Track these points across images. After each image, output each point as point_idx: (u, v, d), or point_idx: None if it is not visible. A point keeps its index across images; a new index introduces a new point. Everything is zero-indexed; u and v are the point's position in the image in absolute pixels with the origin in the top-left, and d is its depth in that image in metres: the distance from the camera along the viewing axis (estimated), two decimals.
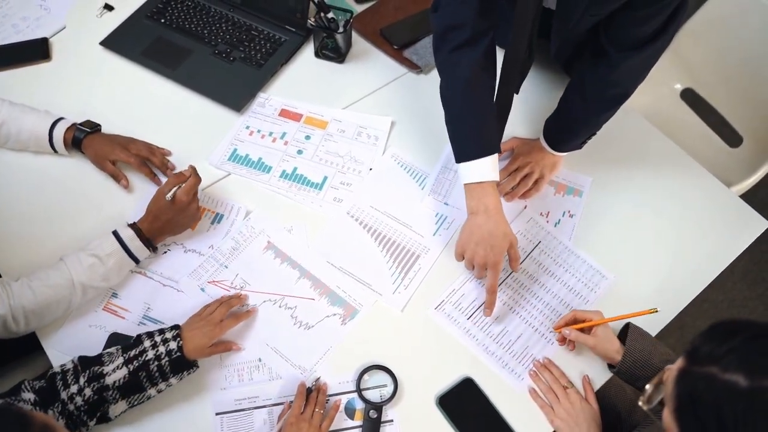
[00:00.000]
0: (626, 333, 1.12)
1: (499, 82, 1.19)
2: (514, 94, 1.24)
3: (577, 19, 1.06)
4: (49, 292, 1.07)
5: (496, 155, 1.14)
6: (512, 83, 1.19)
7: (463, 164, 1.13)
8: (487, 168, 1.12)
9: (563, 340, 1.17)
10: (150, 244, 1.16)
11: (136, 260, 1.16)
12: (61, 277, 1.08)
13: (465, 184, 1.14)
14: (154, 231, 1.16)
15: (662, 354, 1.09)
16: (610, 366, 1.14)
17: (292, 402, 1.08)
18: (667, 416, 0.71)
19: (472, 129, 1.13)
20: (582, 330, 1.13)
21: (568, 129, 1.28)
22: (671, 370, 0.71)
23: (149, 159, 1.30)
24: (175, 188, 1.16)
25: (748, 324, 0.69)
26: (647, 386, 0.77)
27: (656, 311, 1.11)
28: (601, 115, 1.24)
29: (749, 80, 1.66)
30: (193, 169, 1.19)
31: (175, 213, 1.16)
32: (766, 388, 0.62)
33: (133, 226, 1.15)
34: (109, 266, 1.11)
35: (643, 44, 1.06)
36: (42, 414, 0.69)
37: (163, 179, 1.31)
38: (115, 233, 1.13)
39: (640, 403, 0.78)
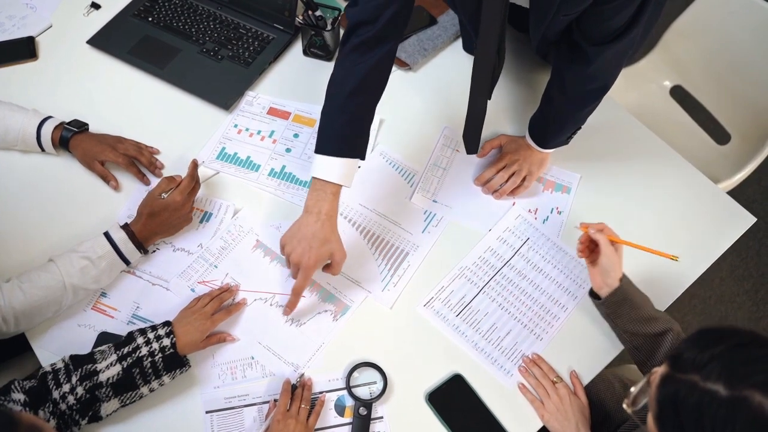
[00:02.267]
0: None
1: (471, 89, 1.18)
2: (488, 100, 1.23)
3: (551, 18, 1.06)
4: (40, 293, 1.06)
5: (355, 164, 1.12)
6: (484, 90, 1.18)
7: (319, 156, 1.10)
8: (340, 170, 1.09)
9: (583, 247, 1.13)
10: (141, 246, 1.15)
11: (127, 262, 1.15)
12: (53, 279, 1.07)
13: (313, 177, 1.11)
14: (147, 233, 1.16)
15: (652, 309, 1.11)
16: (593, 295, 1.14)
17: (277, 400, 1.08)
18: (651, 421, 0.72)
19: (344, 128, 1.11)
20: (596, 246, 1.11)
21: (551, 126, 1.28)
22: (656, 374, 0.72)
23: (137, 158, 1.30)
24: (171, 189, 1.15)
25: (732, 332, 0.70)
26: (632, 389, 0.78)
27: (677, 259, 1.13)
28: (583, 110, 1.24)
29: (738, 78, 1.67)
30: (193, 167, 1.18)
31: (169, 214, 1.16)
32: (745, 398, 0.63)
33: (125, 227, 1.15)
34: (101, 268, 1.11)
35: (615, 38, 1.06)
36: (30, 415, 0.69)
37: (152, 178, 1.31)
38: (107, 235, 1.13)
39: (624, 406, 0.79)
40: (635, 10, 1.02)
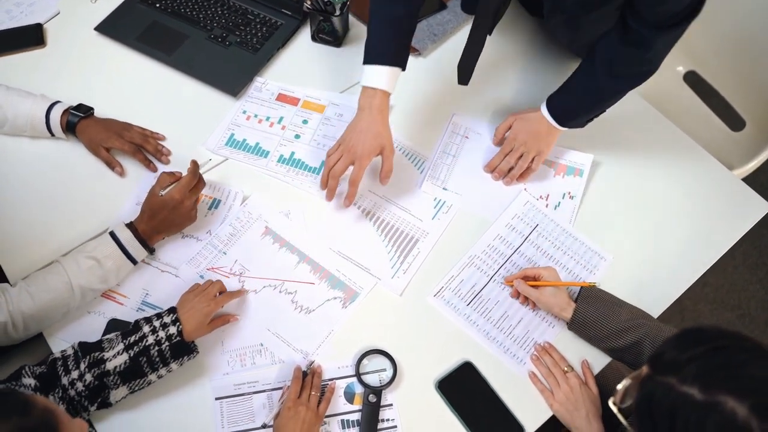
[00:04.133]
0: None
1: (473, 21, 1.23)
2: (488, 36, 1.27)
3: None
4: (48, 296, 1.06)
5: (398, 72, 1.21)
6: (485, 23, 1.22)
7: (367, 66, 1.19)
8: (385, 77, 1.18)
9: (517, 293, 1.19)
10: (146, 245, 1.15)
11: (134, 261, 1.14)
12: (60, 281, 1.07)
13: (363, 86, 1.20)
14: (150, 231, 1.15)
15: (627, 312, 1.12)
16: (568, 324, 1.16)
17: (289, 386, 1.08)
18: (633, 420, 0.72)
19: (386, 38, 1.20)
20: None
21: (584, 103, 1.25)
22: (641, 373, 0.72)
23: (143, 146, 1.29)
24: (170, 186, 1.14)
25: (713, 334, 0.70)
26: (618, 386, 0.77)
27: (594, 285, 1.16)
28: (625, 91, 1.22)
29: (753, 64, 1.64)
30: (194, 165, 1.17)
31: (168, 212, 1.14)
32: (718, 403, 0.63)
33: (130, 226, 1.14)
34: (108, 268, 1.10)
35: (677, 22, 1.04)
36: (44, 398, 0.69)
37: (159, 166, 1.31)
38: (112, 234, 1.12)
39: (610, 403, 0.79)
40: None
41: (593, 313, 1.12)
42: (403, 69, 1.21)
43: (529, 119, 1.30)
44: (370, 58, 1.19)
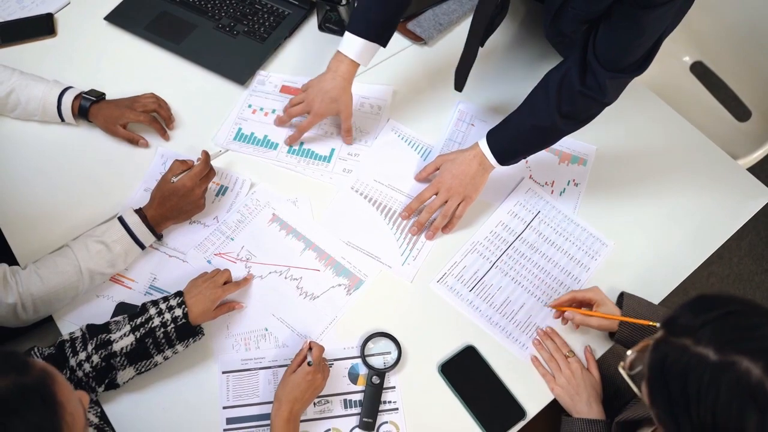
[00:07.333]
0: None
1: (469, 32, 1.24)
2: (480, 47, 1.28)
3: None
4: (57, 279, 1.07)
5: (375, 48, 1.24)
6: (478, 36, 1.23)
7: (347, 33, 1.23)
8: (358, 48, 1.22)
9: (559, 315, 1.16)
10: (154, 230, 1.16)
11: (142, 246, 1.16)
12: (69, 264, 1.08)
13: (337, 50, 1.24)
14: (159, 217, 1.17)
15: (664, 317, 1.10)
16: (611, 334, 1.15)
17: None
18: (644, 388, 0.73)
19: (371, 11, 1.22)
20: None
21: (528, 141, 1.20)
22: (653, 339, 0.73)
23: (157, 111, 1.31)
24: (182, 174, 1.16)
25: (728, 299, 0.70)
26: (628, 352, 0.78)
27: (656, 325, 1.11)
28: (572, 131, 1.19)
29: (760, 54, 1.64)
30: (205, 155, 1.19)
31: (178, 199, 1.16)
32: (733, 362, 0.64)
33: (138, 211, 1.16)
34: (116, 252, 1.12)
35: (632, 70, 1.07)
36: (44, 362, 0.70)
37: (169, 154, 1.32)
38: (121, 219, 1.14)
39: (620, 368, 0.79)
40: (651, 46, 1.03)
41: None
42: (383, 46, 1.24)
43: (457, 161, 1.23)
44: (350, 26, 1.23)
